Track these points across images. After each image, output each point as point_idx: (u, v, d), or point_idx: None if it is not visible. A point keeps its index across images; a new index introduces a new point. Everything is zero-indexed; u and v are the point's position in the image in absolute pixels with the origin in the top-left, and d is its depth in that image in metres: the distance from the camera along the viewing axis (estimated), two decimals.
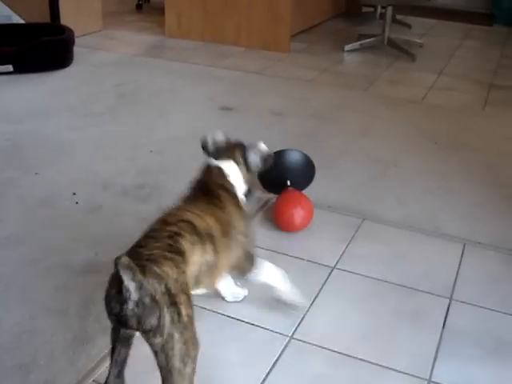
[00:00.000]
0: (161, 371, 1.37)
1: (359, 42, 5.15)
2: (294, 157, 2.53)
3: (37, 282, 2.01)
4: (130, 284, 1.31)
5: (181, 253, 1.45)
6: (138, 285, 1.31)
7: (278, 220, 2.38)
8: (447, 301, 2.02)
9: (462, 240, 2.38)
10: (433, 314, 1.96)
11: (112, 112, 3.50)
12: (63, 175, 2.73)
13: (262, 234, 2.35)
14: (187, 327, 1.40)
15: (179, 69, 4.38)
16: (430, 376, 1.71)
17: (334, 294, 2.04)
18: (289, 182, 2.47)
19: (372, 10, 6.51)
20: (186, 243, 1.48)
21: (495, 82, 4.46)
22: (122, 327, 1.40)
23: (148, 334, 1.35)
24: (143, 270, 1.34)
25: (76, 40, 4.47)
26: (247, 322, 1.88)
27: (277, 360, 1.74)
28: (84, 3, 5.09)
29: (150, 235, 1.50)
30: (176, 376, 1.36)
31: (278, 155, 2.44)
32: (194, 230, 1.53)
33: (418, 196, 2.70)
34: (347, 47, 5.08)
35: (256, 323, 1.87)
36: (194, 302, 1.92)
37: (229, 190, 1.77)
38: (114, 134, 3.20)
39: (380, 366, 1.74)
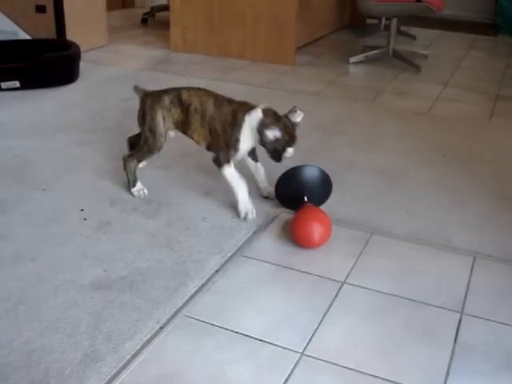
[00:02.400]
0: None
1: (364, 54, 5.16)
2: (310, 172, 2.53)
3: (45, 300, 2.01)
4: None
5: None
6: None
7: (296, 236, 2.35)
8: (458, 315, 2.01)
9: (471, 253, 2.37)
10: (444, 329, 1.94)
11: (119, 127, 3.50)
12: (71, 191, 2.73)
13: (271, 249, 2.35)
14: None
15: (185, 83, 4.36)
16: None
17: (344, 309, 2.03)
18: (306, 198, 2.46)
19: (376, 21, 6.54)
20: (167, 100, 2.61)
21: (501, 93, 4.46)
22: None
23: None
24: None
25: (82, 55, 4.49)
26: (257, 339, 1.87)
27: (288, 377, 1.73)
28: (89, 18, 5.12)
29: None
30: None
31: (295, 171, 2.50)
32: (179, 98, 2.59)
33: (427, 209, 2.69)
34: (352, 59, 5.10)
35: (266, 339, 1.86)
36: (203, 319, 1.93)
37: (237, 114, 2.50)
38: (120, 149, 3.19)
39: (392, 381, 1.73)
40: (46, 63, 4.09)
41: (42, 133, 3.37)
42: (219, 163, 2.52)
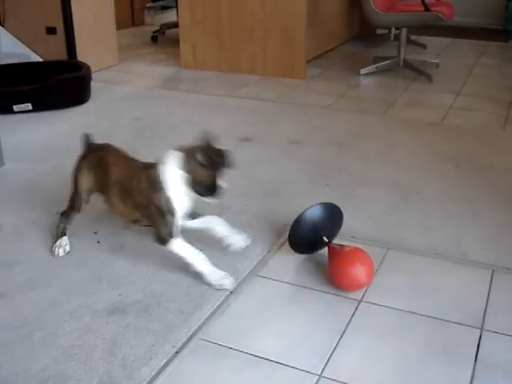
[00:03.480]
0: None
1: (375, 65, 5.14)
2: (319, 211, 2.37)
3: (60, 326, 2.00)
4: None
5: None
6: None
7: (341, 281, 2.19)
8: (478, 331, 1.97)
9: (489, 266, 2.33)
10: (464, 346, 1.91)
11: (131, 147, 3.45)
12: (84, 214, 2.70)
13: (286, 268, 2.33)
14: None
15: (196, 100, 4.40)
16: None
17: (362, 328, 2.00)
18: (325, 238, 2.34)
19: (386, 31, 6.52)
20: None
21: None
22: None
23: None
24: None
25: (93, 75, 4.51)
26: (274, 361, 1.84)
27: None
28: (100, 39, 5.14)
29: None
30: None
31: (305, 216, 2.33)
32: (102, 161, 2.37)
33: (442, 222, 2.66)
34: (363, 71, 5.08)
35: (283, 362, 1.84)
36: (219, 342, 1.91)
37: (150, 173, 2.22)
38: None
39: None
40: (58, 85, 4.11)
41: (55, 155, 3.37)
42: (162, 240, 2.20)
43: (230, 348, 1.90)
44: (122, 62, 5.45)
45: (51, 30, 4.92)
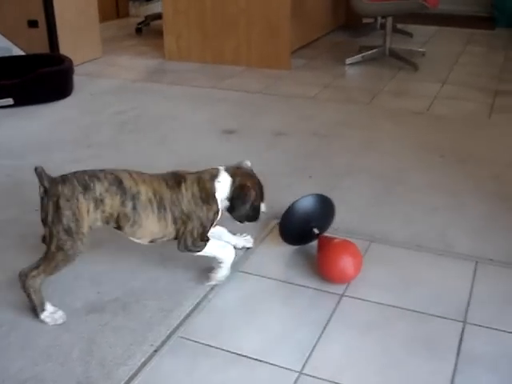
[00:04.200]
0: None
1: (361, 55, 5.11)
2: (310, 202, 2.34)
3: (37, 326, 1.96)
4: None
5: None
6: None
7: (329, 274, 2.17)
8: (461, 325, 1.95)
9: (473, 258, 2.31)
10: (446, 340, 1.89)
11: (114, 141, 3.47)
12: None
13: (268, 263, 2.30)
14: None
15: (180, 93, 4.36)
16: None
17: (344, 323, 1.98)
18: (316, 230, 2.32)
19: (372, 20, 6.47)
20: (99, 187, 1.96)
21: (500, 88, 4.40)
22: None
23: None
24: None
25: (76, 68, 4.46)
26: (254, 358, 1.82)
27: None
28: (83, 31, 5.08)
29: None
30: None
31: (296, 206, 2.32)
32: (120, 184, 1.99)
33: (426, 214, 2.64)
34: (348, 60, 5.05)
35: (263, 359, 1.81)
36: (198, 339, 1.88)
37: (205, 185, 2.09)
38: (115, 164, 3.11)
39: None
40: (40, 79, 4.05)
41: (36, 151, 3.33)
42: (196, 246, 2.11)
43: (210, 346, 1.87)
44: (106, 55, 5.40)
45: (33, 23, 4.85)
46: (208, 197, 2.07)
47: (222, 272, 2.15)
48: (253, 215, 2.17)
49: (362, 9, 4.81)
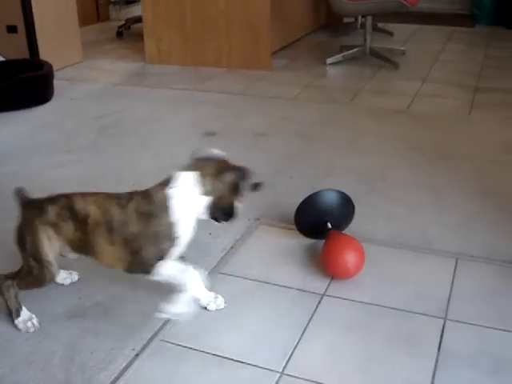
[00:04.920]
0: None
1: (341, 54, 5.12)
2: (330, 197, 2.35)
3: (18, 333, 1.95)
4: None
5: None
6: None
7: (331, 268, 2.18)
8: (442, 321, 1.96)
9: (454, 254, 2.32)
10: (427, 337, 1.89)
11: (95, 146, 3.45)
12: None
13: (249, 265, 2.30)
14: None
15: (161, 95, 4.35)
16: None
17: (325, 322, 1.98)
18: (330, 225, 2.31)
19: (353, 20, 6.49)
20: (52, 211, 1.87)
21: (480, 85, 4.43)
22: None
23: None
24: None
25: (56, 73, 4.44)
26: (235, 360, 1.81)
27: None
28: (63, 36, 5.06)
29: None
30: None
31: (315, 196, 2.33)
32: (71, 207, 1.87)
33: (407, 211, 2.65)
34: (329, 60, 5.06)
35: (244, 360, 1.81)
36: (179, 342, 1.87)
37: (151, 196, 1.87)
38: (96, 168, 3.15)
39: None
40: (19, 85, 4.03)
41: (16, 156, 3.31)
42: (146, 267, 1.87)
43: (191, 348, 1.87)
44: (87, 59, 5.38)
45: (12, 29, 4.82)
46: (156, 209, 1.84)
47: (178, 304, 1.86)
48: (228, 211, 1.93)
49: (341, 8, 4.81)
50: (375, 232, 2.48)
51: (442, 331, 1.91)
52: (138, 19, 6.27)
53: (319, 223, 2.33)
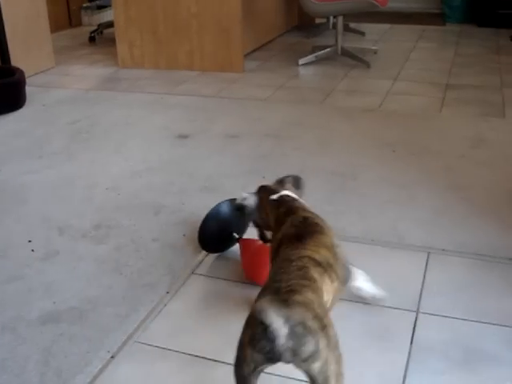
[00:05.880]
0: None
1: (314, 55, 5.16)
2: (225, 208, 2.34)
3: None
4: (276, 320, 1.26)
5: (314, 279, 1.48)
6: (286, 317, 1.27)
7: (254, 274, 2.16)
8: (414, 314, 1.99)
9: (425, 249, 2.35)
10: (400, 331, 1.92)
11: (67, 151, 3.44)
12: (18, 223, 2.67)
13: (224, 265, 2.31)
14: (337, 347, 1.38)
15: (134, 100, 4.35)
16: None
17: None
18: (235, 234, 2.32)
19: (325, 20, 6.54)
20: (314, 273, 1.50)
21: (450, 82, 4.48)
22: (269, 364, 1.35)
23: (306, 362, 1.31)
24: (286, 303, 1.33)
25: (28, 79, 4.43)
26: (211, 359, 1.82)
27: None
28: (34, 42, 5.04)
29: (280, 271, 1.50)
30: None
31: (214, 212, 2.32)
32: (316, 262, 1.55)
33: (379, 208, 2.68)
34: (301, 61, 5.09)
35: (220, 359, 1.81)
36: (155, 343, 1.88)
37: (307, 209, 1.83)
38: (69, 174, 3.15)
39: None
40: None
41: None
42: (349, 271, 1.85)
43: (167, 349, 1.87)
44: (59, 65, 5.35)
45: None
46: (315, 214, 1.86)
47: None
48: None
49: (312, 9, 4.85)
50: (347, 229, 2.51)
51: (415, 324, 1.94)
52: (111, 24, 6.25)
53: (224, 236, 2.33)
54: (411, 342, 1.87)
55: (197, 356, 1.84)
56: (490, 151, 3.25)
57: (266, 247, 2.15)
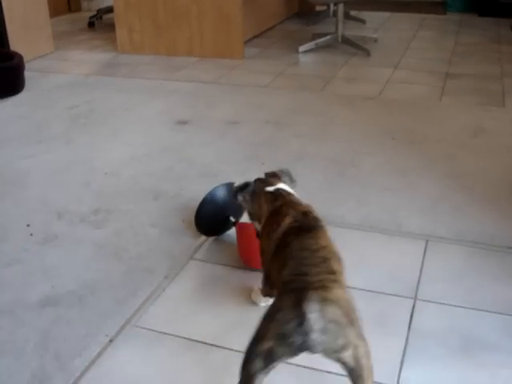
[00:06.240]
0: (352, 374, 1.43)
1: (314, 42, 5.14)
2: (223, 192, 2.33)
3: None
4: (313, 316, 1.32)
5: (339, 272, 1.53)
6: (322, 313, 1.33)
7: (250, 258, 2.16)
8: (412, 301, 1.99)
9: (424, 236, 2.36)
10: (398, 317, 1.92)
11: (66, 136, 3.43)
12: (16, 207, 2.66)
13: (222, 250, 2.31)
14: (362, 333, 1.45)
15: (133, 85, 4.33)
16: (398, 382, 1.68)
17: None
18: (232, 218, 2.32)
19: (325, 8, 6.51)
20: (335, 265, 1.54)
21: (450, 71, 4.47)
22: (293, 356, 1.39)
23: (337, 352, 1.39)
24: (323, 299, 1.36)
25: (27, 64, 4.41)
26: (209, 343, 1.83)
27: None
28: (33, 27, 5.01)
29: (305, 262, 1.52)
30: (366, 372, 1.44)
31: (210, 196, 2.31)
32: (333, 253, 1.59)
33: (378, 195, 2.68)
34: (302, 48, 5.07)
35: (218, 344, 1.82)
36: (153, 328, 1.89)
37: (303, 204, 1.82)
38: (68, 158, 3.14)
39: (347, 376, 1.70)
40: None
41: None
42: None
43: (165, 333, 1.88)
44: (58, 50, 5.33)
45: None
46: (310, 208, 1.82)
47: None
48: None
49: None
50: (346, 216, 2.51)
51: (412, 311, 1.95)
52: (110, 9, 6.23)
53: (221, 219, 2.33)
54: (409, 329, 1.87)
55: (195, 340, 1.85)
56: (490, 140, 3.25)
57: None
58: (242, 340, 1.83)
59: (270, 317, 1.42)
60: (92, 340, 1.86)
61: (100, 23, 6.41)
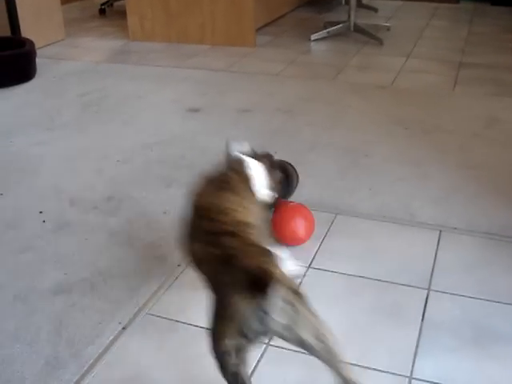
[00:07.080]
0: (320, 354, 1.45)
1: (326, 30, 5.11)
2: None
3: (5, 310, 1.96)
4: (276, 299, 1.31)
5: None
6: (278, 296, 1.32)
7: (283, 235, 2.18)
8: (425, 292, 1.98)
9: (437, 227, 2.35)
10: (411, 308, 1.92)
11: (78, 123, 3.44)
12: (29, 194, 2.67)
13: None
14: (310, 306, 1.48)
15: (145, 73, 4.33)
16: (411, 372, 1.68)
17: (310, 294, 1.98)
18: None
19: None
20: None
21: (464, 61, 4.44)
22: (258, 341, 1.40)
23: (291, 330, 1.40)
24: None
25: (39, 51, 4.40)
26: None
27: (254, 368, 1.70)
28: (44, 13, 5.00)
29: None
30: (334, 346, 1.46)
31: None
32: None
33: (391, 185, 2.66)
34: (314, 36, 5.04)
35: None
36: (166, 316, 1.89)
37: (243, 176, 1.82)
38: (80, 145, 3.14)
39: (360, 366, 1.70)
40: (1, 63, 3.99)
41: None
42: None
43: (178, 321, 1.88)
44: (69, 37, 5.32)
45: None
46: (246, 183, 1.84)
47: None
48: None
49: None
50: (359, 206, 2.50)
51: (426, 301, 1.94)
52: None
53: None
54: (422, 319, 1.87)
55: (207, 328, 1.85)
56: (503, 131, 3.23)
57: (296, 208, 2.23)
58: None
59: (220, 314, 1.46)
60: (105, 327, 1.86)
61: (111, 10, 6.40)
